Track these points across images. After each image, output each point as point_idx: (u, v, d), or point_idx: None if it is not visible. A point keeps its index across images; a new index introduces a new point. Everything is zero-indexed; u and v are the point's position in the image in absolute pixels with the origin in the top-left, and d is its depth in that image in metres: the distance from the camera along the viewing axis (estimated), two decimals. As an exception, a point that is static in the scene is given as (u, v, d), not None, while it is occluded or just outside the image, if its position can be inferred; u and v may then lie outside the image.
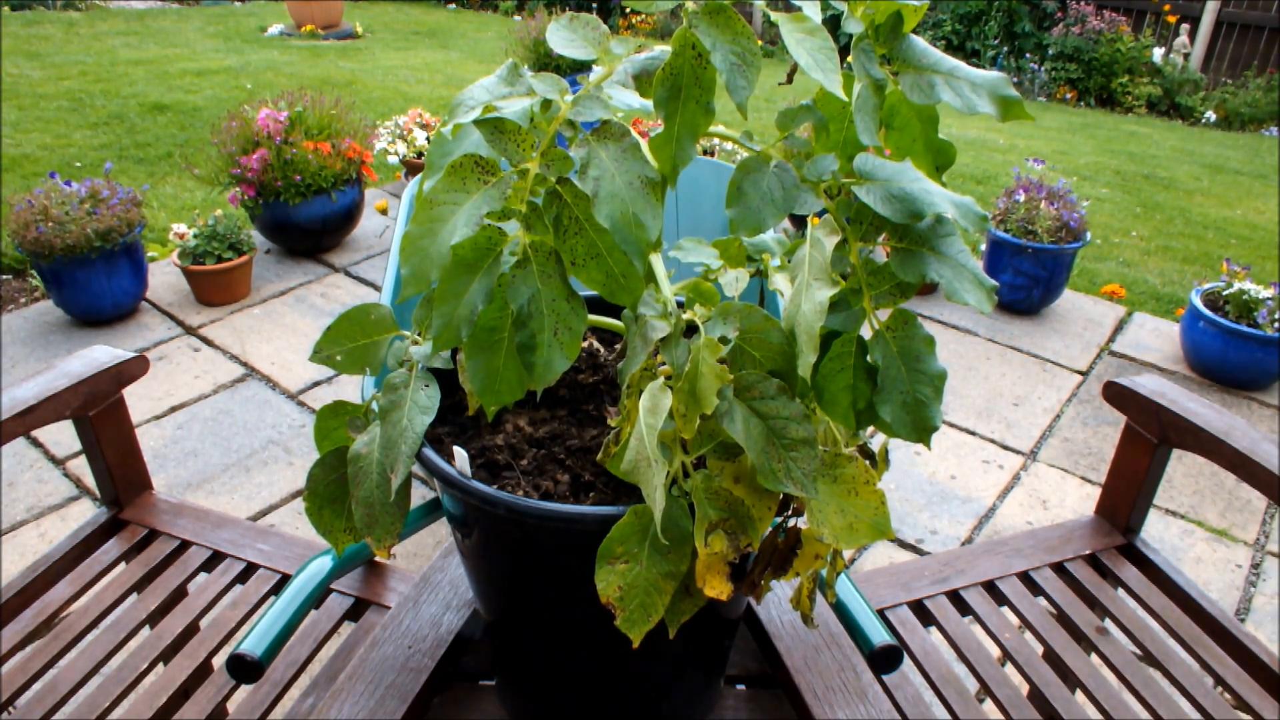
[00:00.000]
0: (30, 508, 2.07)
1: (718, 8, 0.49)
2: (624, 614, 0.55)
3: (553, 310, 0.52)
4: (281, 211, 3.18)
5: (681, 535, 0.55)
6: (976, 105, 0.53)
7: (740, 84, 0.49)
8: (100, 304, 2.81)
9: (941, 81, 0.54)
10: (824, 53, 0.50)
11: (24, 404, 1.02)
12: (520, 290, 0.51)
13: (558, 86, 0.52)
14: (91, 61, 5.95)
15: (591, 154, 0.49)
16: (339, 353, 0.61)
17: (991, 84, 0.53)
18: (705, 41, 0.49)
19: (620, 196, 0.48)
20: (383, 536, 0.57)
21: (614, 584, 0.55)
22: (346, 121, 3.34)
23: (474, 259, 0.51)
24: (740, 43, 0.49)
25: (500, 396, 0.56)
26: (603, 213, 0.48)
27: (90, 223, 2.66)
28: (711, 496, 0.55)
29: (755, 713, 0.84)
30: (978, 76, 0.54)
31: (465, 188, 0.50)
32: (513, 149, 0.51)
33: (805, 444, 0.52)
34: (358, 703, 0.77)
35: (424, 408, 0.56)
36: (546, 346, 0.52)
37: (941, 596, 1.14)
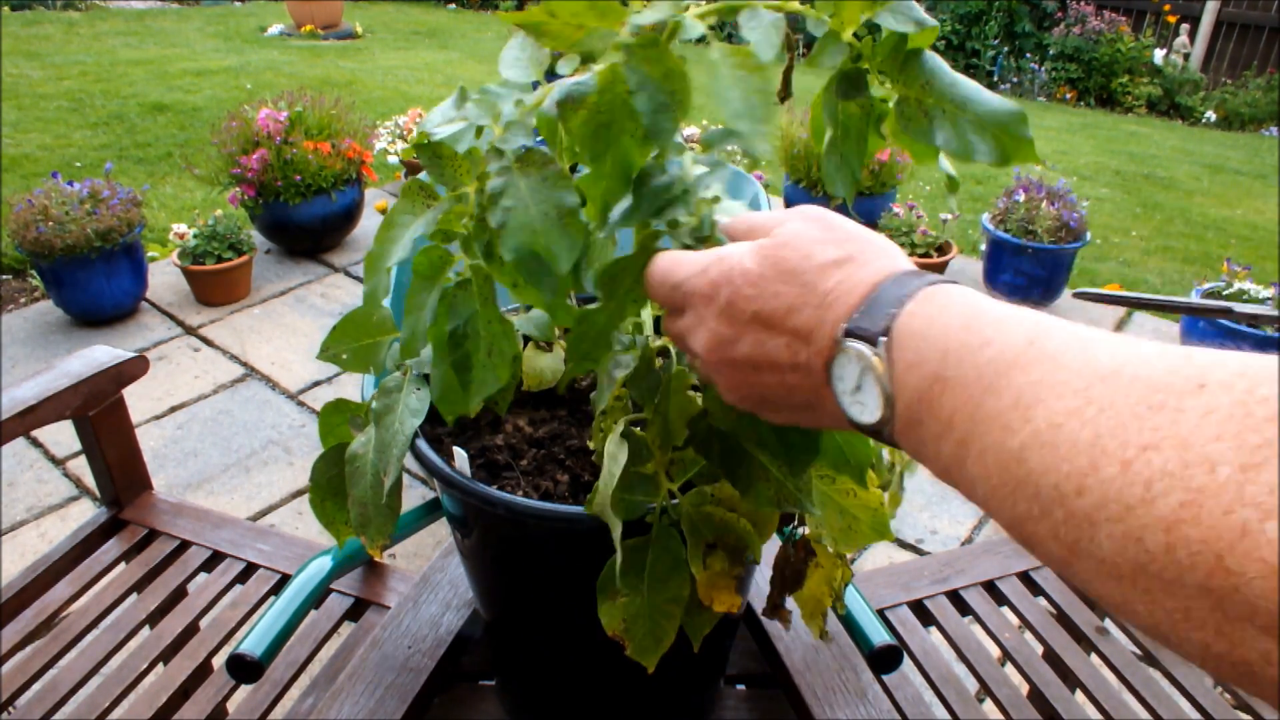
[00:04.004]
0: (30, 508, 2.07)
1: (650, 41, 0.45)
2: (633, 644, 0.55)
3: (488, 331, 0.52)
4: (281, 211, 3.18)
5: (677, 562, 0.54)
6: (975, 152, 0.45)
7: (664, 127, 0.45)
8: (100, 304, 2.81)
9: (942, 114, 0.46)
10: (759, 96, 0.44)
11: (24, 404, 1.02)
12: (459, 310, 0.52)
13: (491, 111, 0.51)
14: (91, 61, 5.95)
15: (509, 183, 0.48)
16: (345, 351, 0.62)
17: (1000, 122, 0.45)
18: (631, 80, 0.45)
19: (531, 228, 0.47)
20: (375, 536, 0.58)
21: (617, 617, 0.54)
22: (346, 121, 3.34)
23: (429, 275, 0.52)
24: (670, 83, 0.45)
25: (455, 407, 0.56)
26: (508, 245, 0.46)
27: (90, 223, 2.66)
28: (702, 520, 0.54)
29: (755, 713, 0.84)
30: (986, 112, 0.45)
31: (413, 210, 0.51)
32: (450, 174, 0.51)
33: None
34: (358, 703, 0.77)
35: (414, 410, 0.57)
36: (480, 367, 0.53)
37: (941, 596, 1.14)
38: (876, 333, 0.36)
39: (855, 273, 0.38)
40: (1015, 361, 0.31)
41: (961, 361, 0.33)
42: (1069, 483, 0.26)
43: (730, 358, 0.41)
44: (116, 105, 5.02)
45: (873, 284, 0.37)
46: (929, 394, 0.34)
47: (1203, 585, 0.23)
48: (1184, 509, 0.23)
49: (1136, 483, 0.24)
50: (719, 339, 0.41)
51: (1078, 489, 0.26)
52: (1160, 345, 0.28)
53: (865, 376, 0.36)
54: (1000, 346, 0.32)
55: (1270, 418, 0.23)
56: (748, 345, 0.40)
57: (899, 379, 0.35)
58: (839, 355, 0.37)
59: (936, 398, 0.33)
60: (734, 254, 0.42)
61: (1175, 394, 0.25)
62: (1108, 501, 0.25)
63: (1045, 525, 0.28)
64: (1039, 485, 0.28)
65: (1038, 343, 0.31)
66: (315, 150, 3.14)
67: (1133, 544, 0.24)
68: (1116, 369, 0.27)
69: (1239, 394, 0.24)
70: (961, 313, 0.34)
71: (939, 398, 0.33)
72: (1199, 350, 0.27)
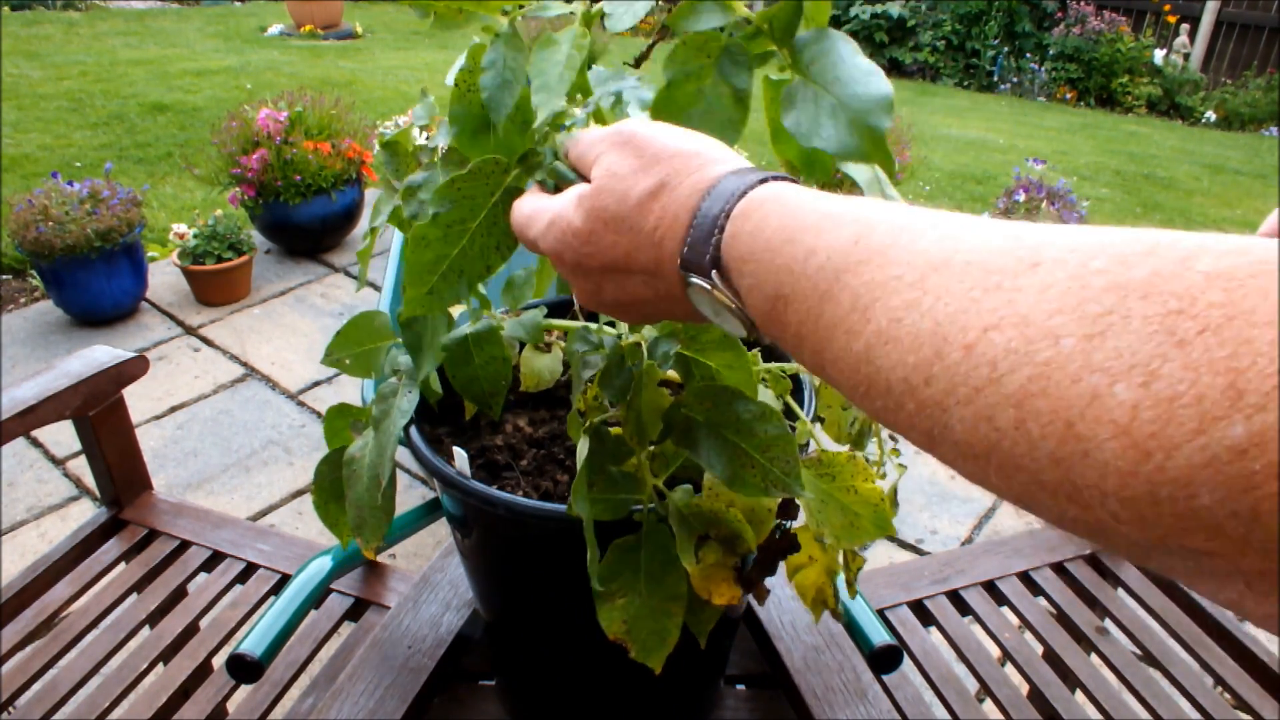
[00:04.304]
0: (30, 508, 2.07)
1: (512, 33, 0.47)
2: (637, 645, 0.54)
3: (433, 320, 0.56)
4: (281, 211, 3.18)
5: (670, 558, 0.54)
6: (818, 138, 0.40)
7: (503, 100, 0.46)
8: (100, 304, 2.81)
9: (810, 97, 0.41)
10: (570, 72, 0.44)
11: (24, 404, 1.02)
12: None
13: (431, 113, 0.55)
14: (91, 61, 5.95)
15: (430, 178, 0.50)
16: (348, 356, 0.63)
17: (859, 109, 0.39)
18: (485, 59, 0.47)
19: None
20: (370, 538, 0.59)
21: (617, 619, 0.53)
22: (346, 121, 3.34)
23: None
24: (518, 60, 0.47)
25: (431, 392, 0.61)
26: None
27: (90, 223, 2.66)
28: (691, 513, 0.54)
29: (755, 713, 0.84)
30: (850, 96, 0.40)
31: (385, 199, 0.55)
32: (400, 166, 0.54)
33: (779, 441, 0.49)
34: (358, 703, 0.77)
35: (404, 412, 0.58)
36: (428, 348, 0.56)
37: (941, 596, 1.14)
38: (707, 266, 0.36)
39: (670, 201, 0.38)
40: (845, 265, 0.31)
41: (795, 276, 0.33)
42: (916, 374, 0.27)
43: (604, 302, 0.43)
44: (116, 105, 5.02)
45: (691, 208, 0.37)
46: (774, 312, 0.34)
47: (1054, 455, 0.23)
48: (1031, 383, 0.23)
49: (981, 364, 0.25)
50: (585, 292, 0.43)
51: (925, 378, 0.26)
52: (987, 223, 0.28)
53: (718, 307, 0.37)
54: (827, 253, 0.32)
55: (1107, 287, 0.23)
56: (612, 290, 0.41)
57: (746, 301, 0.36)
58: (689, 289, 0.38)
59: (782, 315, 0.34)
60: (563, 213, 0.41)
61: (1009, 274, 0.25)
62: (955, 386, 0.25)
63: (901, 416, 0.28)
64: (889, 381, 0.28)
65: (863, 240, 0.31)
66: (315, 150, 3.14)
67: (984, 423, 0.25)
68: (946, 257, 0.28)
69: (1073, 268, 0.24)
70: (780, 224, 0.34)
71: (784, 315, 0.34)
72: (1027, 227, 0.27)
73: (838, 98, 0.41)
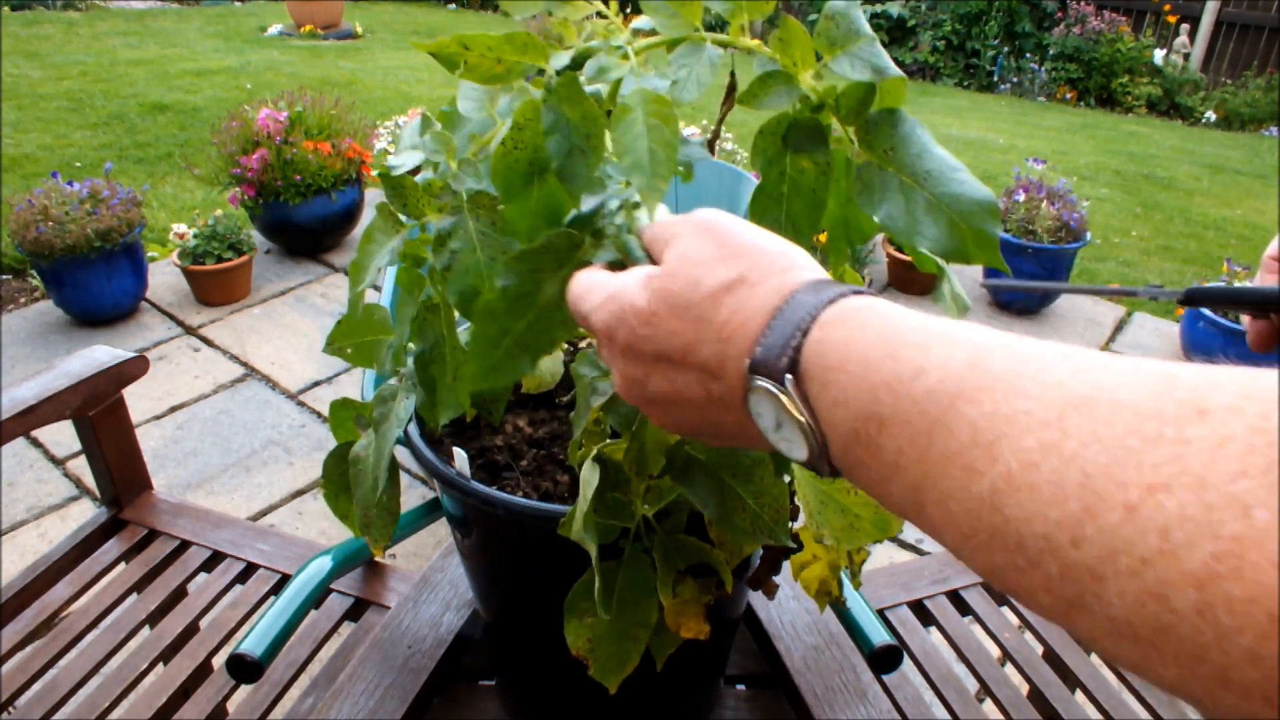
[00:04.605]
0: (30, 508, 2.07)
1: (570, 80, 0.42)
2: (597, 664, 0.55)
3: (454, 358, 0.51)
4: (281, 211, 3.18)
5: (646, 587, 0.54)
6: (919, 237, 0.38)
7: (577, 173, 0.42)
8: (100, 304, 2.81)
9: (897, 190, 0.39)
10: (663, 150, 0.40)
11: (24, 404, 1.02)
12: (428, 334, 0.52)
13: (445, 147, 0.50)
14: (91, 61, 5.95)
15: (458, 224, 0.46)
16: (349, 345, 0.64)
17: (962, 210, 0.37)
18: (546, 120, 0.43)
19: (477, 271, 0.46)
20: (378, 538, 0.60)
21: (582, 636, 0.54)
22: (346, 121, 3.34)
23: (409, 289, 0.52)
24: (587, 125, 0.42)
25: (430, 417, 0.56)
26: (453, 288, 0.46)
27: (90, 223, 2.66)
28: (675, 548, 0.54)
29: (755, 713, 0.84)
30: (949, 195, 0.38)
31: (385, 230, 0.50)
32: (412, 205, 0.50)
33: (773, 489, 0.49)
34: (357, 703, 0.77)
35: (400, 420, 0.57)
36: (446, 389, 0.52)
37: (941, 596, 1.14)
38: (781, 370, 0.32)
39: (749, 298, 0.35)
40: (959, 392, 0.27)
41: (896, 396, 0.29)
42: (1061, 532, 0.23)
43: (645, 396, 0.38)
44: (116, 105, 5.02)
45: (771, 308, 0.34)
46: (864, 434, 0.30)
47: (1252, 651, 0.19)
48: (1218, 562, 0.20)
49: (1149, 531, 0.21)
50: (629, 378, 0.39)
51: (1073, 539, 0.23)
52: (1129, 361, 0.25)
53: (783, 416, 0.33)
54: (938, 375, 0.28)
55: None
56: (658, 383, 0.37)
57: (825, 417, 0.32)
58: (750, 394, 0.34)
59: (874, 439, 0.30)
60: (626, 289, 0.38)
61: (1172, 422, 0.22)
62: (1115, 554, 0.22)
63: (1035, 577, 0.24)
64: (1021, 535, 0.24)
65: (980, 364, 0.27)
66: (315, 150, 3.14)
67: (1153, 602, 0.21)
68: (1088, 394, 0.24)
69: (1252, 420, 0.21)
70: (879, 336, 0.31)
71: (877, 439, 0.30)
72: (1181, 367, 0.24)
73: (933, 194, 0.39)
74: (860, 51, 0.41)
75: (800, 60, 0.42)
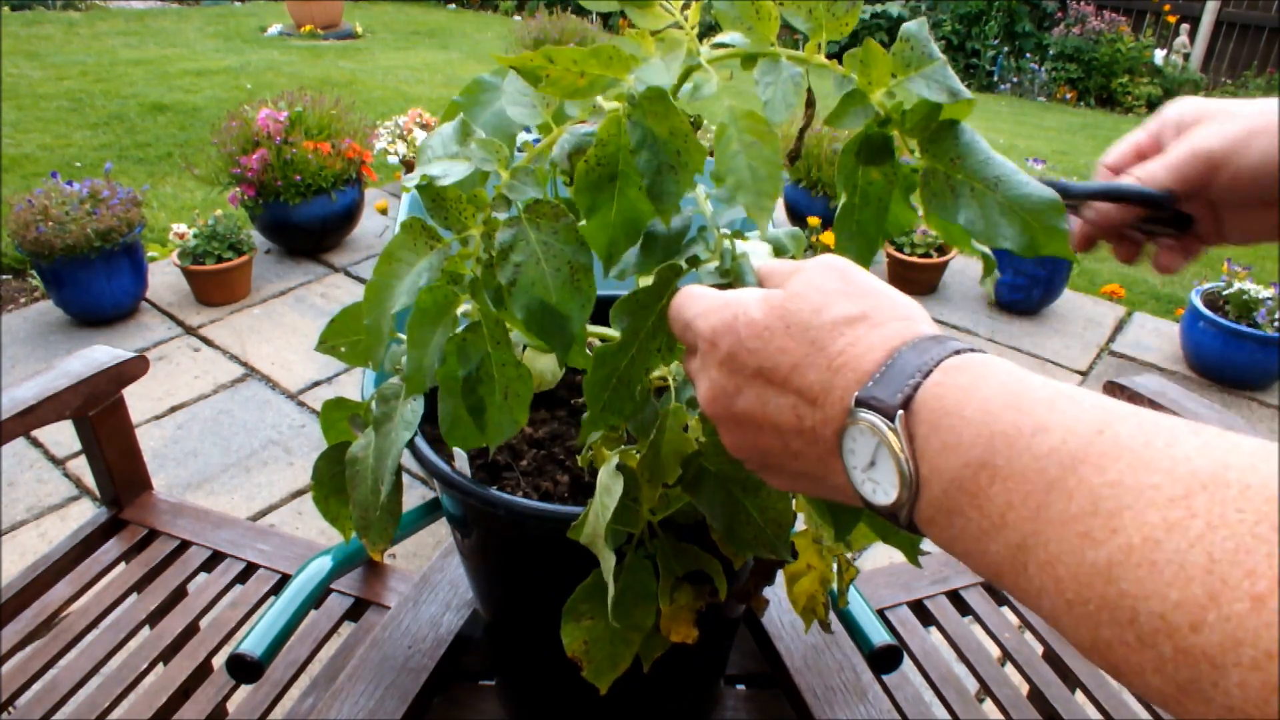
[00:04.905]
0: (30, 508, 2.07)
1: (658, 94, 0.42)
2: (590, 666, 0.56)
3: (503, 375, 0.50)
4: (281, 211, 3.18)
5: (645, 595, 0.54)
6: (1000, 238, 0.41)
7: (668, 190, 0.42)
8: (100, 304, 2.81)
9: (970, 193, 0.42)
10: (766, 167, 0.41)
11: (24, 404, 1.02)
12: (470, 355, 0.50)
13: (497, 155, 0.48)
14: (91, 61, 5.95)
15: (519, 235, 0.45)
16: (342, 344, 0.62)
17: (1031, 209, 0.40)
18: (634, 136, 0.42)
19: (543, 284, 0.45)
20: (377, 540, 0.59)
21: (579, 639, 0.55)
22: (346, 121, 3.34)
23: (435, 311, 0.50)
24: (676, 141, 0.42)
25: (466, 441, 0.55)
26: (519, 303, 0.45)
27: (90, 223, 2.66)
28: (679, 554, 0.54)
29: (755, 713, 0.84)
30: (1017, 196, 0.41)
31: (415, 249, 0.48)
32: (454, 218, 0.48)
33: (778, 505, 0.50)
34: (357, 703, 0.77)
35: (408, 424, 0.56)
36: (496, 409, 0.50)
37: (941, 596, 1.14)
38: (894, 405, 0.32)
39: (869, 334, 0.34)
40: (1084, 456, 0.26)
41: (1015, 448, 0.28)
42: (1180, 614, 0.22)
43: (730, 412, 0.38)
44: (116, 105, 5.02)
45: (890, 349, 0.33)
46: (972, 484, 0.29)
47: None
48: None
49: (1276, 624, 0.21)
50: (719, 390, 0.38)
51: (1193, 624, 0.22)
52: (1259, 442, 0.25)
53: (880, 453, 0.32)
54: (1063, 435, 0.27)
55: None
56: (749, 400, 0.37)
57: (930, 461, 0.31)
58: (850, 426, 0.33)
59: (983, 489, 0.29)
60: (742, 301, 0.38)
61: None
62: (1239, 644, 0.21)
63: (1146, 658, 0.24)
64: (1136, 611, 0.24)
65: (1108, 432, 0.27)
66: (315, 150, 3.14)
67: (1276, 694, 0.21)
68: (1217, 473, 0.24)
69: None
70: (1004, 388, 0.30)
71: (986, 489, 0.29)
72: None
73: (1006, 197, 0.41)
74: (934, 74, 0.43)
75: (875, 80, 0.44)
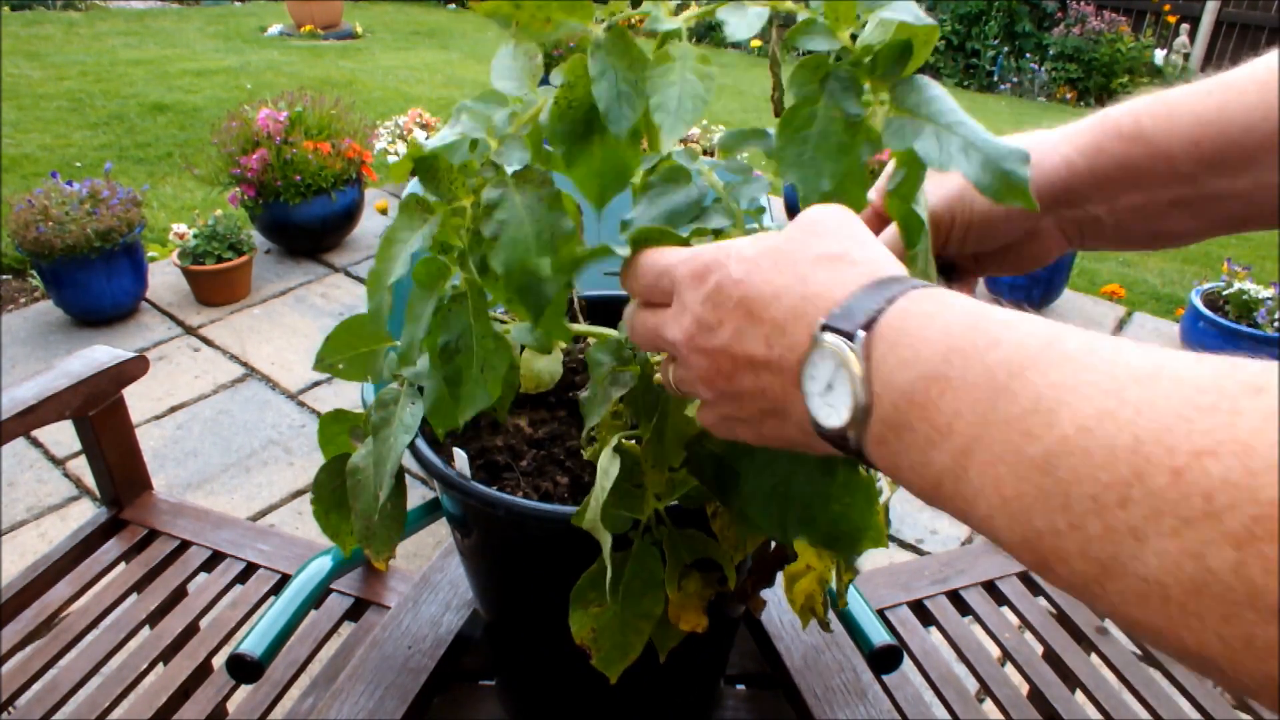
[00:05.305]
0: (30, 508, 2.07)
1: (619, 33, 0.45)
2: (599, 654, 0.55)
3: (481, 347, 0.51)
4: (281, 211, 3.18)
5: (653, 581, 0.54)
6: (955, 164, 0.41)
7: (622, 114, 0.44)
8: (100, 304, 2.81)
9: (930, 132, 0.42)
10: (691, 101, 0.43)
11: (24, 404, 1.02)
12: (453, 324, 0.51)
13: (485, 124, 0.50)
14: (91, 61, 5.95)
15: (505, 196, 0.47)
16: (340, 360, 0.62)
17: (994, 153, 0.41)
18: (593, 68, 0.44)
19: (525, 244, 0.46)
20: (380, 549, 0.58)
21: (587, 625, 0.54)
22: (346, 121, 3.34)
23: (429, 284, 0.51)
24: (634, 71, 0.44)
25: (445, 420, 0.55)
26: (499, 258, 0.46)
27: (90, 223, 2.66)
28: (686, 540, 0.54)
29: (755, 713, 0.84)
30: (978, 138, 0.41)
31: (411, 225, 0.49)
32: (445, 188, 0.49)
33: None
34: (357, 703, 0.77)
35: (407, 427, 0.56)
36: (471, 382, 0.51)
37: (941, 596, 1.14)
38: (856, 325, 0.33)
39: (846, 270, 0.36)
40: (1032, 363, 0.28)
41: (968, 360, 0.30)
42: (1109, 493, 0.24)
43: (708, 346, 0.39)
44: (116, 105, 5.02)
45: (864, 283, 0.35)
46: (923, 395, 0.31)
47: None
48: (1258, 524, 0.21)
49: (1194, 494, 0.22)
50: (700, 324, 0.39)
51: (1120, 500, 0.24)
52: (1197, 355, 0.26)
53: (838, 375, 0.33)
54: (1013, 347, 0.29)
55: None
56: (727, 334, 0.38)
57: (885, 378, 0.32)
58: (813, 351, 0.34)
59: (934, 400, 0.30)
60: (734, 242, 0.40)
61: (1228, 396, 0.23)
62: (1160, 514, 0.23)
63: (1074, 540, 0.25)
64: (1069, 496, 0.25)
65: (1056, 344, 0.28)
66: (315, 150, 3.14)
67: (1190, 561, 0.22)
68: (1152, 371, 0.25)
69: None
70: (965, 312, 0.32)
71: (937, 400, 0.30)
72: (1244, 359, 0.25)
73: (965, 138, 0.41)
74: (896, 8, 0.44)
75: (843, 16, 0.44)
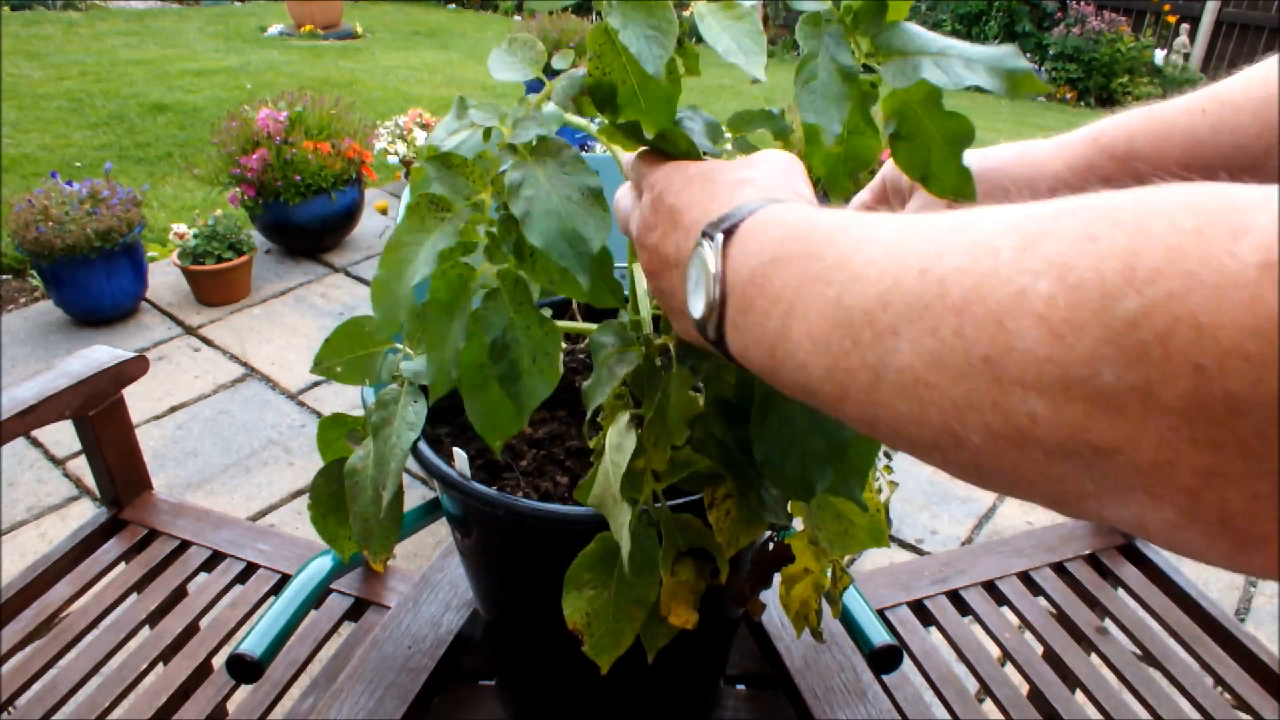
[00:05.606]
0: (30, 508, 2.07)
1: None
2: (591, 640, 0.55)
3: (529, 337, 0.50)
4: (281, 211, 3.18)
5: (650, 563, 0.54)
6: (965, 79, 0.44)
7: (655, 53, 0.46)
8: (100, 304, 2.81)
9: (929, 62, 0.46)
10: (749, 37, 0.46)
11: (24, 404, 1.02)
12: (493, 322, 0.50)
13: (497, 113, 0.51)
14: (91, 61, 5.95)
15: (526, 174, 0.47)
16: (338, 364, 0.61)
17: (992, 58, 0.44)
18: (616, 20, 0.46)
19: (556, 212, 0.46)
20: (379, 550, 0.58)
21: (581, 610, 0.54)
22: (346, 121, 3.34)
23: (450, 300, 0.50)
24: (656, 14, 0.46)
25: (503, 430, 0.55)
26: (535, 231, 0.46)
27: (90, 223, 2.66)
28: (682, 526, 0.54)
29: (755, 713, 0.84)
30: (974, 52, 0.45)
31: (424, 227, 0.49)
32: (462, 182, 0.49)
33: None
34: (357, 703, 0.77)
35: (411, 424, 0.56)
36: (528, 375, 0.50)
37: (941, 596, 1.14)
38: (720, 229, 0.37)
39: (748, 191, 0.40)
40: (844, 229, 0.32)
41: (796, 240, 0.34)
42: (877, 305, 0.28)
43: (646, 243, 0.45)
44: (116, 105, 5.02)
45: (750, 199, 0.39)
46: (763, 276, 0.35)
47: (986, 356, 0.24)
48: (972, 291, 0.25)
49: (932, 283, 0.26)
50: (644, 224, 0.45)
51: (884, 305, 0.28)
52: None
53: (701, 272, 0.38)
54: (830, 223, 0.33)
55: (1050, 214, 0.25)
56: (657, 236, 0.44)
57: (737, 268, 0.36)
58: (693, 252, 0.39)
59: (770, 278, 0.34)
60: (689, 161, 0.46)
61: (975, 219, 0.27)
62: (909, 306, 0.27)
63: (856, 355, 0.29)
64: (851, 314, 0.29)
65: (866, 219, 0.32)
66: (315, 150, 3.14)
67: (928, 337, 0.26)
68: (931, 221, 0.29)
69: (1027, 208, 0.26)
70: (808, 209, 0.36)
71: (771, 277, 0.34)
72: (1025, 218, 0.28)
73: (961, 55, 0.44)
74: None
75: None
